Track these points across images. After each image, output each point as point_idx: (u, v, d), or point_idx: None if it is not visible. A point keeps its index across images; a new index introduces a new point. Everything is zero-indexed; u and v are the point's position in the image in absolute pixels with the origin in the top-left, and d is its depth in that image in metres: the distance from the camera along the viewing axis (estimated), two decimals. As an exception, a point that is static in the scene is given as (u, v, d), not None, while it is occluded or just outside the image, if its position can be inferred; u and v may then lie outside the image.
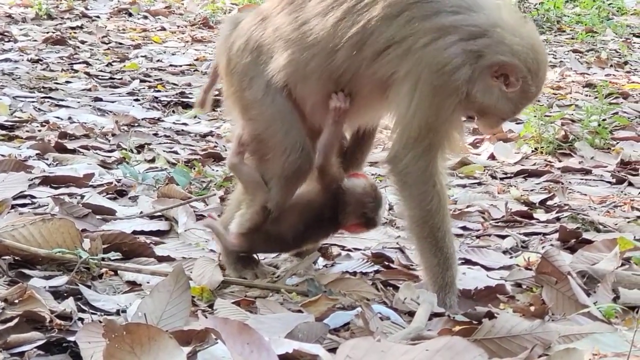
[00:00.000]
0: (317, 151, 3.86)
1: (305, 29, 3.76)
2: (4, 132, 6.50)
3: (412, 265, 4.20)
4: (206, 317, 3.16)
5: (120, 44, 11.58)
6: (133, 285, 3.75)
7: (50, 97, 7.94)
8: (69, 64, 9.78)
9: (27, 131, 6.61)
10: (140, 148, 6.37)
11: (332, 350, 3.02)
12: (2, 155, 5.68)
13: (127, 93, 8.50)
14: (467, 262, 4.27)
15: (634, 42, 14.34)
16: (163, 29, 13.29)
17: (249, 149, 3.94)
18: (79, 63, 9.91)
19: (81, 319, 3.28)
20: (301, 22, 3.79)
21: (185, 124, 7.36)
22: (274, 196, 3.87)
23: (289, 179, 3.85)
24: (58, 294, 3.51)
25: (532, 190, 5.81)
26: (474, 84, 3.64)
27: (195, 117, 7.56)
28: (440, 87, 3.61)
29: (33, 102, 7.66)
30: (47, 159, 5.85)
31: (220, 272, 3.86)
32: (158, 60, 10.52)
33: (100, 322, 3.04)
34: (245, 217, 3.92)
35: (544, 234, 4.79)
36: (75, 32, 12.10)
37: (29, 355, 2.97)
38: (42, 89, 8.26)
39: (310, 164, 3.84)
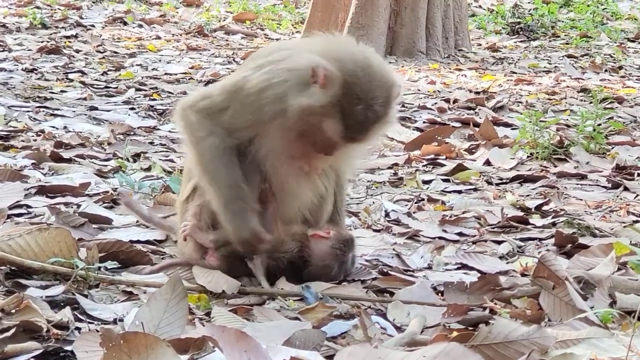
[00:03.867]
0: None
1: None
2: (-1, 141, 6.50)
3: (408, 271, 4.21)
4: (203, 325, 3.17)
5: (115, 52, 11.60)
6: (130, 294, 3.74)
7: (45, 107, 7.93)
8: (63, 73, 9.78)
9: (23, 141, 6.60)
10: (136, 157, 6.36)
11: (330, 357, 3.03)
12: (-2, 165, 5.68)
13: (122, 102, 8.50)
14: (464, 267, 4.28)
15: (629, 47, 14.37)
16: (158, 37, 13.31)
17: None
18: (74, 72, 9.91)
19: (78, 329, 3.27)
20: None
21: (181, 132, 7.34)
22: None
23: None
24: (55, 304, 3.50)
25: (527, 195, 5.81)
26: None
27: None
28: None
29: (28, 111, 7.65)
30: (43, 169, 5.84)
31: (227, 277, 3.85)
32: (153, 69, 10.53)
33: (98, 331, 3.03)
34: (222, 240, 3.94)
35: (540, 239, 4.79)
36: (70, 41, 12.11)
37: (26, 365, 2.97)
38: (37, 99, 8.26)
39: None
